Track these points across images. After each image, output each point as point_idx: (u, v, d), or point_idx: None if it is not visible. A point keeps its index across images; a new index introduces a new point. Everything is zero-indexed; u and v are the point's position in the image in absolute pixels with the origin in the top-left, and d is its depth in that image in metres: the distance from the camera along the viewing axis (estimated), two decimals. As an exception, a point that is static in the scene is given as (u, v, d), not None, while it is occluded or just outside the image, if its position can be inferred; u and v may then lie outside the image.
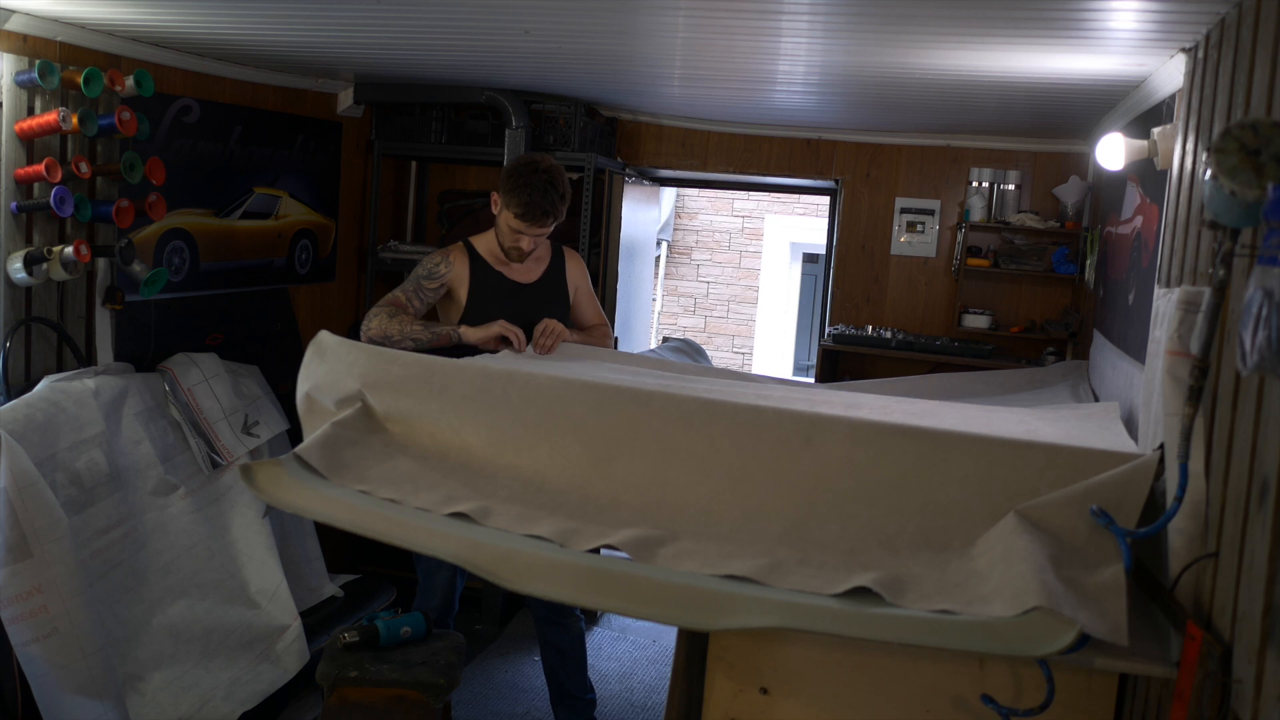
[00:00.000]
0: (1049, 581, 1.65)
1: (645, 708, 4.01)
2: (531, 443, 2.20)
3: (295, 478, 2.07)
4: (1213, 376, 1.76)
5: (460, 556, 1.89)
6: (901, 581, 1.80)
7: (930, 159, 4.77)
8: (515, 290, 3.38)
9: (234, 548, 3.56)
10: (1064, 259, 4.49)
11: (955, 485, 1.96)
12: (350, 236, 4.88)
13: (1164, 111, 2.67)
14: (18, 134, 3.01)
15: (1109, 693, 1.88)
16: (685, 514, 2.05)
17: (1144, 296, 2.72)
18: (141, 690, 3.12)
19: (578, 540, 1.98)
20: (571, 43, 3.23)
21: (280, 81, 4.22)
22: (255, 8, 2.92)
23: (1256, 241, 1.37)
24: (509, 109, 4.35)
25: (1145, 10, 2.19)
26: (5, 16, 2.93)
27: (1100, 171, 3.77)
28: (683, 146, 4.99)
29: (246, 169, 4.07)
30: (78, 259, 3.07)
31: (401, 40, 3.40)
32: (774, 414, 2.16)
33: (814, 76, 3.48)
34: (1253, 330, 1.26)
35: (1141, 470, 1.88)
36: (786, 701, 2.00)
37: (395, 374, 2.34)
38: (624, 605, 1.88)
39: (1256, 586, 1.44)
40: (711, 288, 9.57)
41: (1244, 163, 1.34)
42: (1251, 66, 1.72)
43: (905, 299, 4.84)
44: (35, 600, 2.76)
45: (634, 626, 4.75)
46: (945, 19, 2.45)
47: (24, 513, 2.75)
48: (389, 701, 2.87)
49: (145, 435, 3.35)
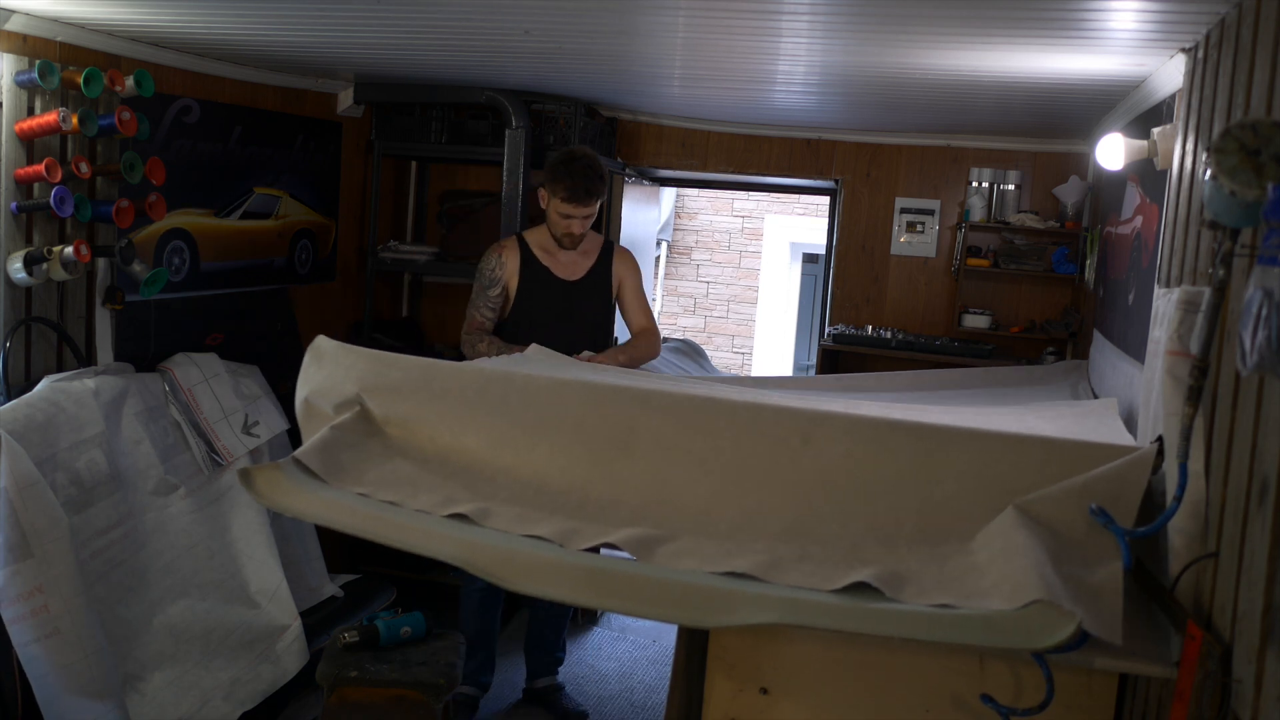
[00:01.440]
0: (1048, 576, 1.65)
1: (645, 708, 4.01)
2: (530, 444, 2.20)
3: (294, 481, 2.07)
4: (1213, 376, 1.76)
5: (460, 558, 1.90)
6: (901, 577, 1.80)
7: (930, 159, 4.77)
8: (559, 286, 3.68)
9: (234, 548, 3.56)
10: (1064, 259, 4.49)
11: (953, 480, 1.96)
12: (350, 236, 4.88)
13: (1164, 111, 2.67)
14: (18, 134, 3.01)
15: (1109, 693, 1.88)
16: (685, 513, 2.05)
17: (1144, 296, 2.72)
18: (141, 690, 3.12)
19: (577, 540, 1.98)
20: (571, 43, 3.23)
21: (280, 81, 4.22)
22: (255, 8, 2.92)
23: (1256, 241, 1.37)
24: (509, 109, 4.35)
25: (1145, 10, 2.19)
26: (5, 16, 2.93)
27: (1100, 171, 3.77)
28: (683, 146, 4.99)
29: (246, 169, 4.07)
30: (78, 259, 3.07)
31: (401, 40, 3.40)
32: (772, 412, 2.17)
33: (814, 76, 3.48)
34: (1253, 330, 1.26)
35: (1139, 463, 1.88)
36: (786, 701, 2.00)
37: (393, 377, 2.34)
38: (624, 604, 1.88)
39: (1256, 586, 1.44)
40: (711, 288, 9.57)
41: (1244, 163, 1.34)
42: (1251, 66, 1.72)
43: (905, 299, 4.84)
44: (36, 600, 2.76)
45: (634, 626, 4.75)
46: (945, 19, 2.45)
47: (24, 513, 2.75)
48: (389, 701, 2.87)
49: (145, 435, 3.35)
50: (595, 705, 4.03)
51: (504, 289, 3.66)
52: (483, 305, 3.66)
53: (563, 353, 3.38)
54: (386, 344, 4.47)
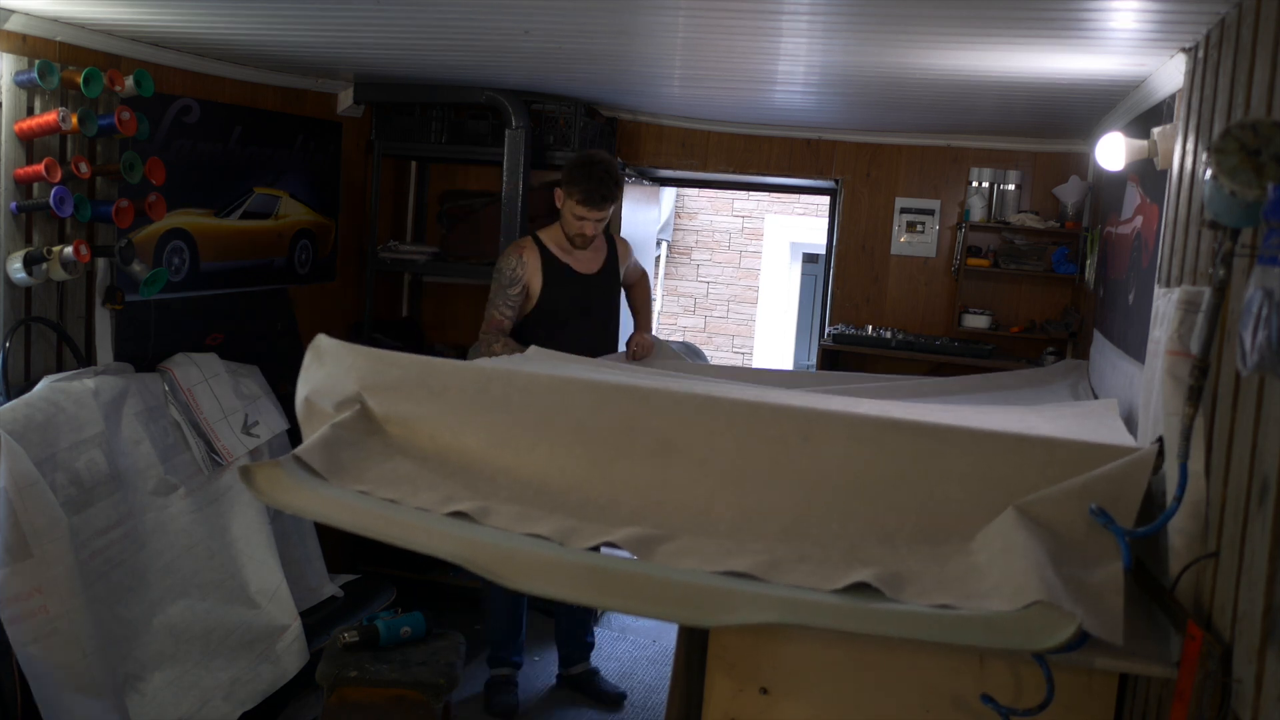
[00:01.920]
0: (1048, 577, 1.65)
1: (645, 708, 4.01)
2: (531, 442, 2.20)
3: (294, 479, 2.07)
4: (1213, 376, 1.76)
5: (460, 556, 1.90)
6: (901, 577, 1.80)
7: (930, 159, 4.77)
8: (580, 281, 3.83)
9: (234, 548, 3.56)
10: (1064, 259, 4.49)
11: (954, 481, 1.96)
12: (350, 236, 4.88)
13: (1164, 111, 2.67)
14: (17, 134, 3.01)
15: (1109, 693, 1.88)
16: (684, 512, 2.05)
17: (1144, 296, 2.72)
18: (141, 690, 3.12)
19: (578, 539, 1.98)
20: (571, 43, 3.23)
21: (280, 81, 4.22)
22: (255, 8, 2.92)
23: (1256, 241, 1.37)
24: (509, 109, 4.35)
25: (1145, 10, 2.19)
26: (5, 16, 2.93)
27: (1100, 171, 3.77)
28: (683, 146, 4.99)
29: (246, 169, 4.07)
30: (77, 259, 3.07)
31: (401, 40, 3.40)
32: (772, 411, 2.17)
33: (814, 76, 3.48)
34: (1253, 330, 1.26)
35: (1139, 464, 1.88)
36: (786, 701, 2.00)
37: (394, 376, 2.34)
38: (624, 603, 1.89)
39: (1256, 586, 1.44)
40: (711, 288, 9.57)
41: (1244, 163, 1.34)
42: (1251, 66, 1.72)
43: (905, 299, 4.84)
44: (35, 600, 2.76)
45: (634, 626, 4.75)
46: (945, 19, 2.45)
47: (24, 513, 2.75)
48: (389, 701, 2.87)
49: (145, 435, 3.35)
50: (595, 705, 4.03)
51: (524, 288, 3.73)
52: (502, 304, 3.71)
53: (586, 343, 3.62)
54: (386, 344, 4.46)
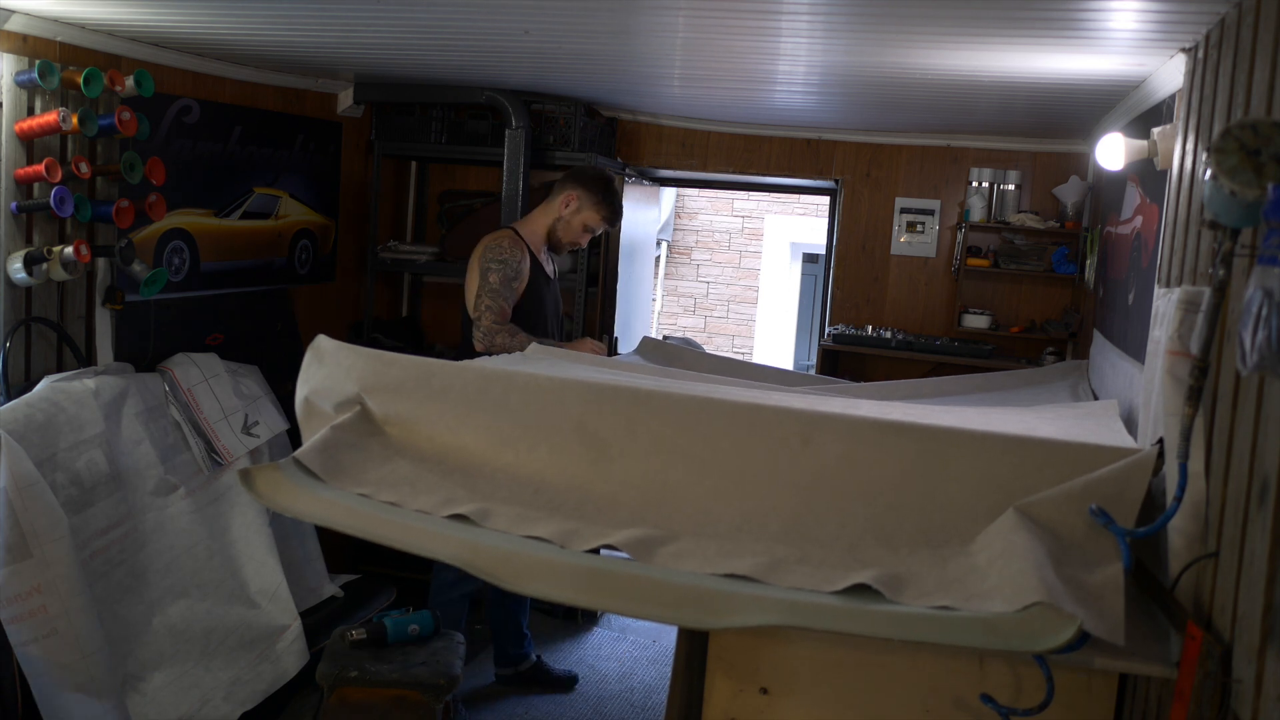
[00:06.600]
0: (1048, 578, 1.65)
1: (645, 708, 4.01)
2: (530, 444, 2.19)
3: (294, 482, 2.07)
4: (1213, 376, 1.76)
5: (460, 558, 1.89)
6: (901, 578, 1.80)
7: (930, 159, 4.77)
8: (551, 284, 3.88)
9: (234, 548, 3.56)
10: (1064, 259, 4.49)
11: (954, 482, 1.96)
12: (350, 236, 4.88)
13: (1164, 111, 2.67)
14: (18, 134, 3.01)
15: (1109, 693, 1.88)
16: (684, 513, 2.04)
17: (1144, 296, 2.72)
18: (141, 690, 3.12)
19: (577, 541, 1.98)
20: (571, 43, 3.23)
21: (280, 81, 4.21)
22: (255, 8, 2.91)
23: (1256, 241, 1.37)
24: (509, 109, 4.35)
25: (1145, 10, 2.19)
26: (5, 16, 2.93)
27: (1100, 171, 3.77)
28: (683, 146, 4.99)
29: (246, 169, 4.07)
30: (78, 259, 3.07)
31: (401, 40, 3.40)
32: (772, 413, 2.16)
33: (814, 76, 3.48)
34: (1253, 330, 1.26)
35: (1140, 465, 1.88)
36: (786, 701, 2.00)
37: (393, 377, 2.33)
38: (624, 605, 1.88)
39: (1256, 586, 1.44)
40: (711, 288, 9.57)
41: (1244, 163, 1.34)
42: (1251, 66, 1.72)
43: (905, 299, 4.84)
44: (35, 600, 2.76)
45: (634, 626, 4.75)
46: (945, 19, 2.45)
47: (24, 513, 2.75)
48: (389, 702, 2.87)
49: (145, 435, 3.35)
50: (595, 705, 4.03)
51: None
52: (510, 296, 3.64)
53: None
54: (386, 344, 4.47)
